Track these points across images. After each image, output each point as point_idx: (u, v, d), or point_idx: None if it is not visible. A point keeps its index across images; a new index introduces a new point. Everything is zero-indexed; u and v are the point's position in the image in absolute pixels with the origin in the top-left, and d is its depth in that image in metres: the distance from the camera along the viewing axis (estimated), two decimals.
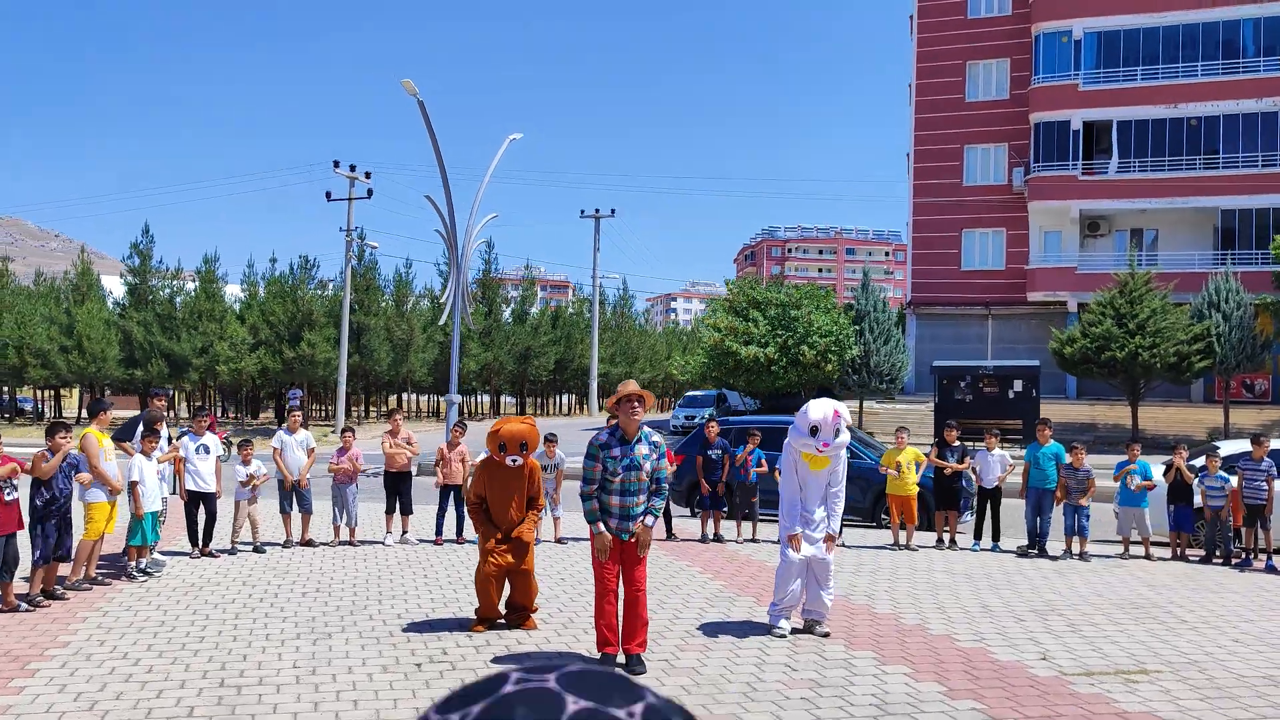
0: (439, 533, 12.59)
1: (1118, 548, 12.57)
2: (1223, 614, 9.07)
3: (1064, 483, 12.23)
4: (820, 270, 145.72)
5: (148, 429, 10.40)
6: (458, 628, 8.09)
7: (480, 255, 56.18)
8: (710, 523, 13.25)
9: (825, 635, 7.96)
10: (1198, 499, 12.34)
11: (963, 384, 32.26)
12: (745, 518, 13.43)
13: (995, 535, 12.82)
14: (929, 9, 44.09)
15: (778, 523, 8.59)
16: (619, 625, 7.04)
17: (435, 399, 65.44)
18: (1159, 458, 13.71)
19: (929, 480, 13.23)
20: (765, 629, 8.07)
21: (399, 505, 12.57)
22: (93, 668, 6.80)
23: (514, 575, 8.03)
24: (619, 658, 7.02)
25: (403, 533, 12.61)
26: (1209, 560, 12.10)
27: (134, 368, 45.81)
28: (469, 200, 28.78)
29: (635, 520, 6.94)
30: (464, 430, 12.82)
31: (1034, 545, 12.36)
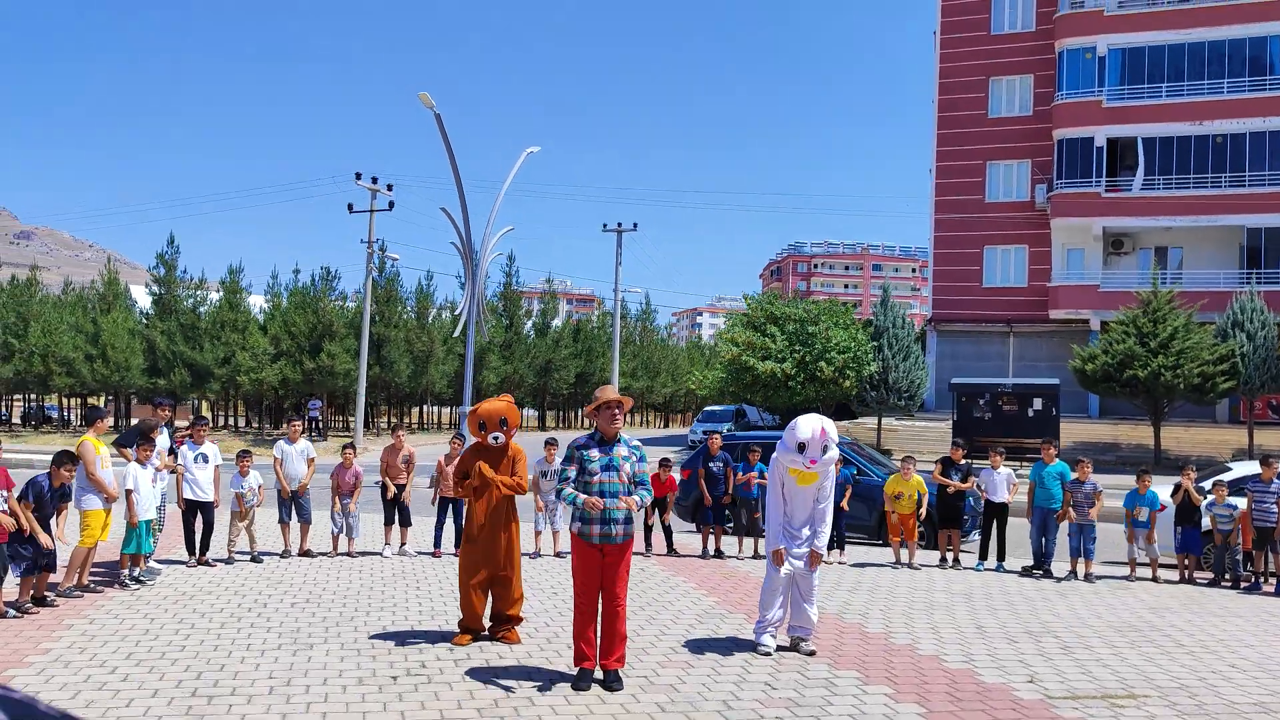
0: (437, 545, 12.57)
1: (1124, 569, 12.35)
2: (1223, 638, 8.87)
3: (1070, 497, 12.02)
4: (846, 286, 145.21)
5: (143, 437, 10.45)
6: (441, 640, 8.04)
7: (501, 268, 56.43)
8: (711, 538, 13.17)
9: (811, 653, 7.84)
10: (1205, 522, 12.11)
11: (982, 401, 31.97)
12: (748, 533, 13.33)
13: (1000, 555, 12.64)
14: (952, 25, 43.92)
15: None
16: (597, 640, 6.97)
17: (455, 411, 65.61)
18: (1176, 480, 13.46)
19: (933, 497, 13.07)
20: (751, 646, 7.97)
21: (398, 517, 12.58)
22: (69, 675, 6.80)
23: (495, 583, 7.98)
24: (596, 673, 6.94)
25: (401, 544, 12.60)
26: (1217, 583, 11.86)
27: (157, 376, 46.27)
28: (490, 213, 28.96)
29: (617, 525, 6.87)
30: (463, 442, 12.80)
31: (1039, 565, 12.17)
